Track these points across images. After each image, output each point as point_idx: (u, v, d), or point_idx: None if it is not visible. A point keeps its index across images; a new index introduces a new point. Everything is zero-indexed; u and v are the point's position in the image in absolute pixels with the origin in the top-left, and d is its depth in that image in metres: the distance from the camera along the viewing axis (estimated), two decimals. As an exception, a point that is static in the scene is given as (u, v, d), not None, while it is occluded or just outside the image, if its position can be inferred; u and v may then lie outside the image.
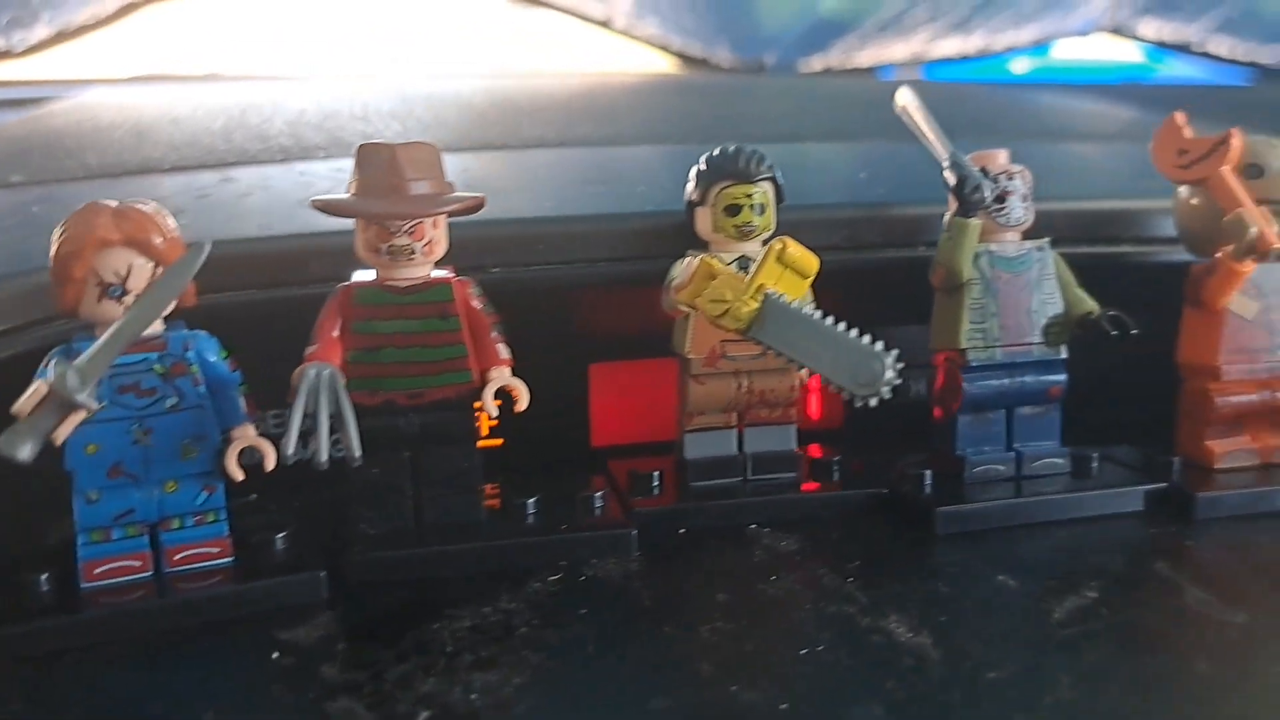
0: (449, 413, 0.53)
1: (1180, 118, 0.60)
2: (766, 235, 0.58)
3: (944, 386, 0.60)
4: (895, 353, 0.47)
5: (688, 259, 0.54)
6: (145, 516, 0.49)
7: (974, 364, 0.58)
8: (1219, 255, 0.58)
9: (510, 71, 1.34)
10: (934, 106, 0.62)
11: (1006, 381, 0.58)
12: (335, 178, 0.69)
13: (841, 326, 0.49)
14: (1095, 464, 0.59)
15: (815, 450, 0.63)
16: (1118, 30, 1.64)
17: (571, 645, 0.44)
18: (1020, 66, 1.70)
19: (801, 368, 0.50)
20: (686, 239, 0.59)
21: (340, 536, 0.53)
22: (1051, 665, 0.42)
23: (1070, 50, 1.70)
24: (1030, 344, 0.58)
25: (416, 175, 0.51)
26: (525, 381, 0.53)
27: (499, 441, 0.66)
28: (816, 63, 1.46)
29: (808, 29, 1.39)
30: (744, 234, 0.57)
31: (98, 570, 0.48)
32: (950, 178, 0.57)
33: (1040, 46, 1.62)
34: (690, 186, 0.58)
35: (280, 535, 0.52)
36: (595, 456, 0.65)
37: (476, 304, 0.53)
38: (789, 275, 0.51)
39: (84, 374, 0.44)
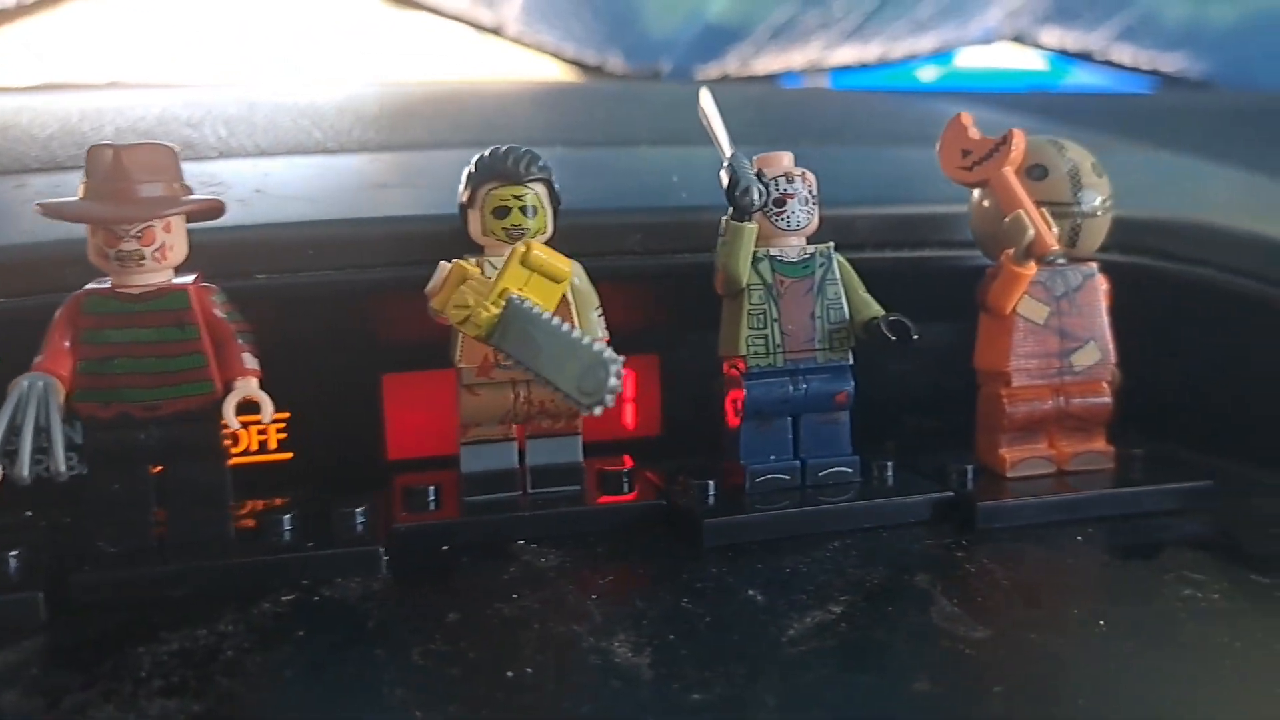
0: (191, 425, 0.51)
1: (966, 118, 0.58)
2: (544, 239, 0.56)
3: (731, 394, 0.58)
4: (620, 360, 0.45)
5: (440, 265, 0.52)
6: None
7: (755, 370, 0.56)
8: (1002, 258, 0.56)
9: (379, 78, 1.31)
10: (816, 113, 0.61)
11: (790, 389, 0.57)
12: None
13: (576, 333, 0.47)
14: (888, 473, 0.58)
15: (627, 461, 0.61)
16: (1019, 38, 1.63)
17: (270, 670, 0.42)
18: (927, 75, 1.69)
19: (536, 377, 0.48)
20: (461, 244, 0.57)
21: (77, 556, 0.50)
22: (763, 687, 0.40)
23: (975, 58, 1.69)
24: (814, 350, 0.56)
25: (145, 178, 0.49)
26: (314, 392, 0.51)
27: (288, 455, 0.64)
28: (713, 70, 1.44)
29: (697, 36, 1.37)
30: (514, 237, 0.55)
31: None
32: (723, 178, 0.55)
33: (943, 55, 1.62)
34: (461, 187, 0.56)
35: (13, 554, 0.49)
36: (391, 470, 0.63)
37: (219, 312, 0.51)
38: (538, 280, 0.49)
39: None
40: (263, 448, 0.63)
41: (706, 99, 0.61)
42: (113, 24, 1.33)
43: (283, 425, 0.63)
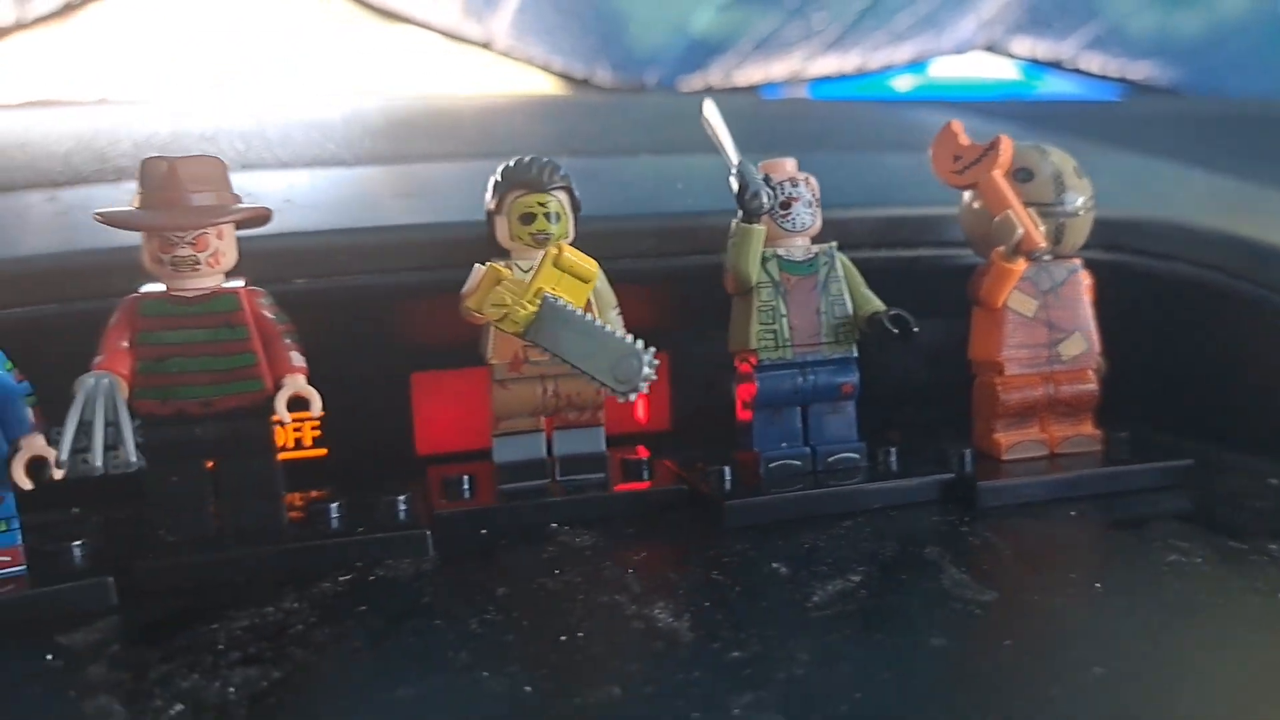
0: (243, 421, 0.54)
1: (957, 125, 0.62)
2: (567, 243, 0.59)
3: (742, 387, 0.62)
4: (652, 350, 0.49)
5: (475, 268, 0.56)
6: (-66, 527, 0.49)
7: (765, 363, 0.60)
8: (992, 256, 0.61)
9: (374, 91, 1.35)
10: (803, 122, 0.64)
11: (799, 380, 0.61)
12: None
13: (609, 328, 0.51)
14: (891, 458, 0.62)
15: (643, 452, 0.65)
16: (992, 48, 1.68)
17: (340, 640, 0.45)
18: (903, 84, 1.74)
19: (572, 368, 0.52)
20: (488, 249, 0.61)
21: (140, 545, 0.53)
22: (793, 645, 0.43)
23: (949, 68, 1.74)
24: (820, 343, 0.61)
25: (197, 188, 0.52)
26: (347, 391, 0.54)
27: (323, 452, 0.67)
28: (697, 81, 1.48)
29: (683, 49, 1.41)
30: (539, 241, 0.58)
31: (-119, 583, 0.49)
32: (733, 184, 0.59)
33: (918, 65, 1.66)
34: (488, 196, 0.60)
35: (76, 544, 0.52)
36: (421, 464, 0.67)
37: (267, 313, 0.54)
38: (568, 280, 0.53)
39: None
40: (299, 445, 0.66)
41: (711, 109, 0.65)
42: (105, 40, 1.35)
43: (317, 423, 0.66)
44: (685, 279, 0.67)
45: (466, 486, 0.60)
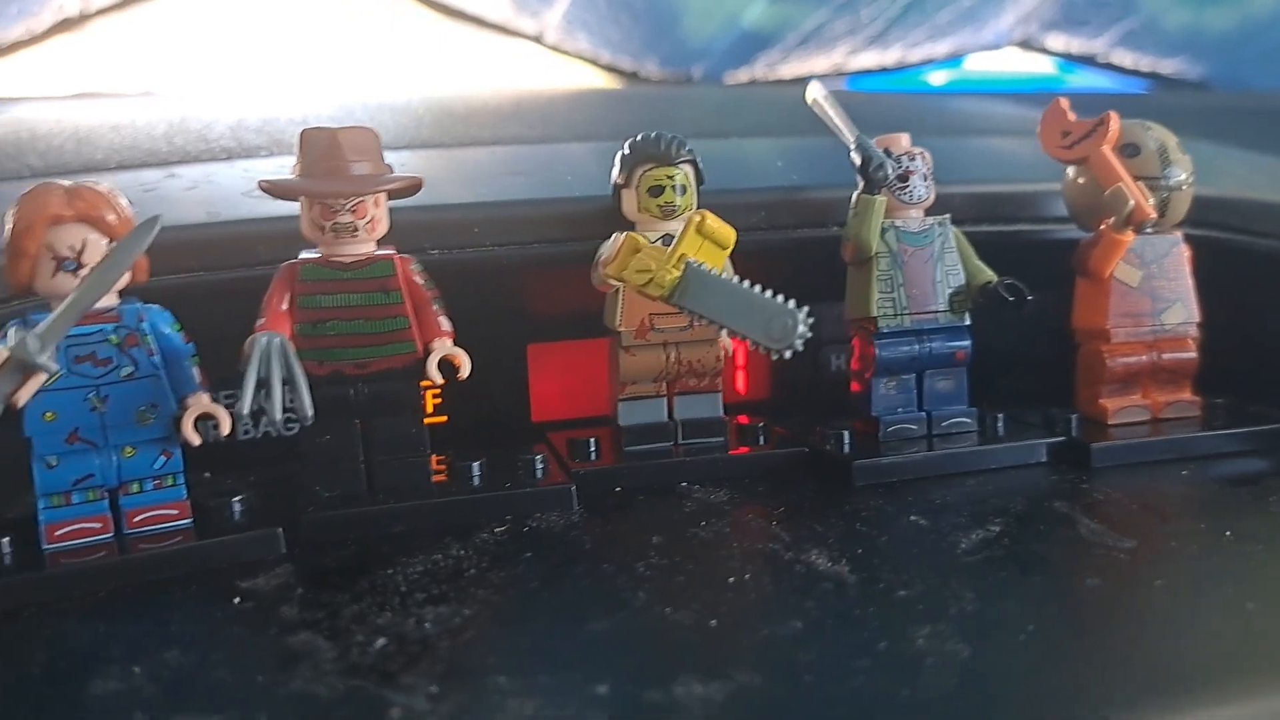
0: (395, 383, 0.56)
1: (1064, 102, 0.65)
2: (688, 214, 0.62)
3: (860, 355, 0.64)
4: (805, 309, 0.51)
5: (614, 237, 0.58)
6: (104, 481, 0.51)
7: (885, 330, 0.62)
8: (1102, 228, 0.63)
9: (446, 82, 1.37)
10: (856, 111, 0.67)
11: (916, 347, 0.63)
12: (281, 172, 0.72)
13: (757, 289, 0.53)
14: (1000, 423, 0.64)
15: (742, 419, 0.67)
16: (1027, 44, 1.71)
17: (516, 582, 0.48)
18: (937, 79, 1.76)
19: (721, 329, 0.54)
20: (612, 221, 0.63)
21: (295, 501, 0.55)
22: (957, 585, 0.46)
23: (982, 63, 1.76)
24: (936, 311, 0.63)
25: (356, 157, 0.54)
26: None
27: (443, 419, 0.70)
28: (742, 75, 1.51)
29: (733, 42, 1.43)
30: (667, 213, 0.61)
31: (58, 533, 0.50)
32: (856, 158, 0.61)
33: (954, 59, 1.69)
34: (615, 170, 0.62)
35: (236, 499, 0.54)
36: (535, 432, 0.69)
37: (418, 279, 0.56)
38: (708, 246, 0.55)
39: (43, 339, 0.46)
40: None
41: (819, 90, 0.68)
42: (167, 32, 1.37)
43: (438, 391, 0.68)
44: (790, 251, 0.69)
45: (593, 448, 0.62)
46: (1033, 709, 0.37)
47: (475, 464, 0.58)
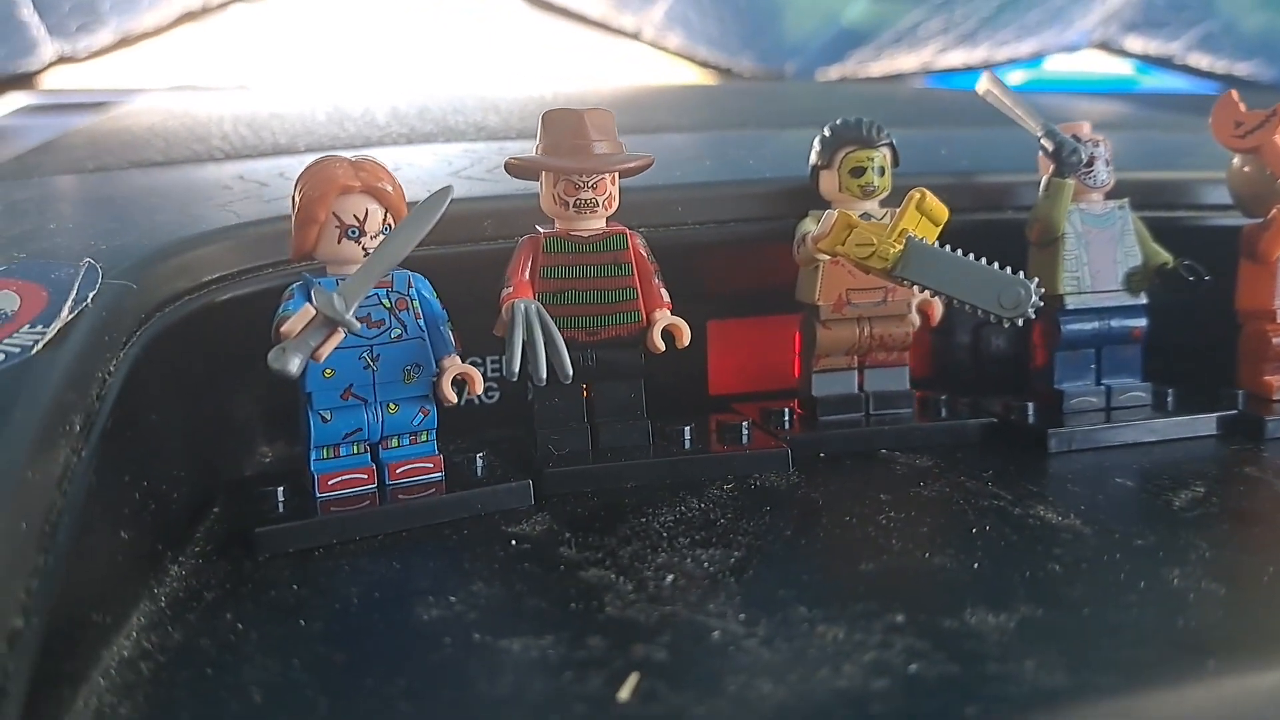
0: (621, 350, 0.60)
1: (1235, 94, 0.68)
2: (884, 195, 0.65)
3: (1043, 331, 0.68)
4: (1036, 280, 0.55)
5: (825, 214, 0.62)
6: (370, 435, 0.55)
7: (1070, 307, 0.66)
8: (1274, 213, 0.67)
9: (565, 77, 1.41)
10: (949, 105, 0.70)
11: (1097, 324, 0.67)
12: (470, 156, 0.76)
13: (983, 261, 0.56)
14: (1170, 397, 0.67)
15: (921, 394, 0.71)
16: (1105, 45, 1.74)
17: (771, 530, 0.51)
18: (1016, 78, 1.79)
19: (948, 299, 0.57)
20: (805, 200, 0.66)
21: (526, 459, 0.59)
22: (1187, 536, 0.49)
23: (1060, 64, 1.80)
24: (1116, 290, 0.66)
25: (599, 136, 0.58)
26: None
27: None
28: (834, 72, 1.54)
29: (829, 40, 1.47)
30: (866, 193, 0.64)
31: (331, 482, 0.54)
32: (1048, 144, 0.65)
33: (1036, 59, 1.72)
34: (815, 152, 0.66)
35: (480, 455, 0.58)
36: (713, 404, 0.73)
37: (644, 252, 0.60)
38: (924, 222, 0.59)
39: (346, 298, 0.50)
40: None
41: (994, 81, 0.71)
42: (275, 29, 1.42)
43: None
44: (963, 235, 0.72)
45: (787, 418, 0.66)
46: (1299, 638, 0.40)
47: (685, 429, 0.62)
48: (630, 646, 0.40)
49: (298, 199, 0.53)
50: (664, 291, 0.60)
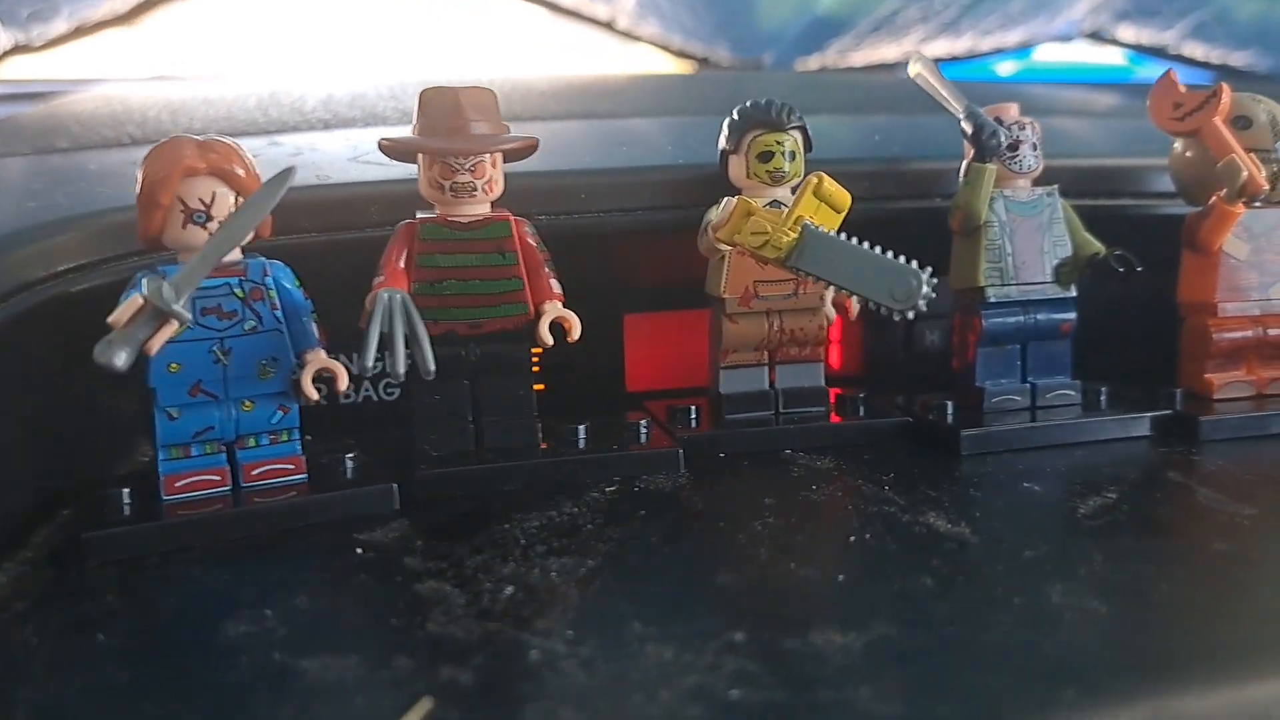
0: (506, 344, 0.57)
1: (1174, 74, 0.64)
2: (795, 181, 0.61)
3: (964, 325, 0.64)
4: (929, 269, 0.51)
5: (725, 201, 0.58)
6: (223, 434, 0.52)
7: (992, 300, 0.62)
8: (1213, 200, 0.62)
9: (520, 63, 1.38)
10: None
11: (1021, 318, 0.63)
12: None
13: (877, 250, 0.53)
14: (1104, 396, 0.63)
15: (838, 391, 0.67)
16: (1096, 34, 1.69)
17: (637, 537, 0.48)
18: (1005, 69, 1.75)
19: (841, 291, 0.54)
20: (718, 188, 0.63)
21: (405, 459, 0.56)
22: (1083, 546, 0.45)
23: (1051, 54, 1.75)
24: (1043, 282, 0.62)
25: (477, 116, 0.55)
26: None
27: (540, 386, 0.70)
28: (813, 62, 1.50)
29: (805, 28, 1.43)
30: (775, 179, 0.61)
31: (178, 484, 0.51)
32: (968, 127, 0.61)
33: (1024, 49, 1.67)
34: (724, 135, 0.62)
35: (348, 456, 0.55)
36: (629, 401, 0.69)
37: (531, 241, 0.57)
38: (824, 209, 0.55)
39: (178, 288, 0.47)
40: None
41: (924, 63, 0.67)
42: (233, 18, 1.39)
43: (537, 359, 0.69)
44: (888, 224, 0.68)
45: (693, 416, 0.62)
46: (1177, 664, 0.37)
47: (580, 427, 0.58)
48: (438, 668, 0.37)
49: (141, 182, 0.50)
50: (554, 282, 0.57)
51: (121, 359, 0.46)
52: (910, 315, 0.51)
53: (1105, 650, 0.37)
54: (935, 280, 0.51)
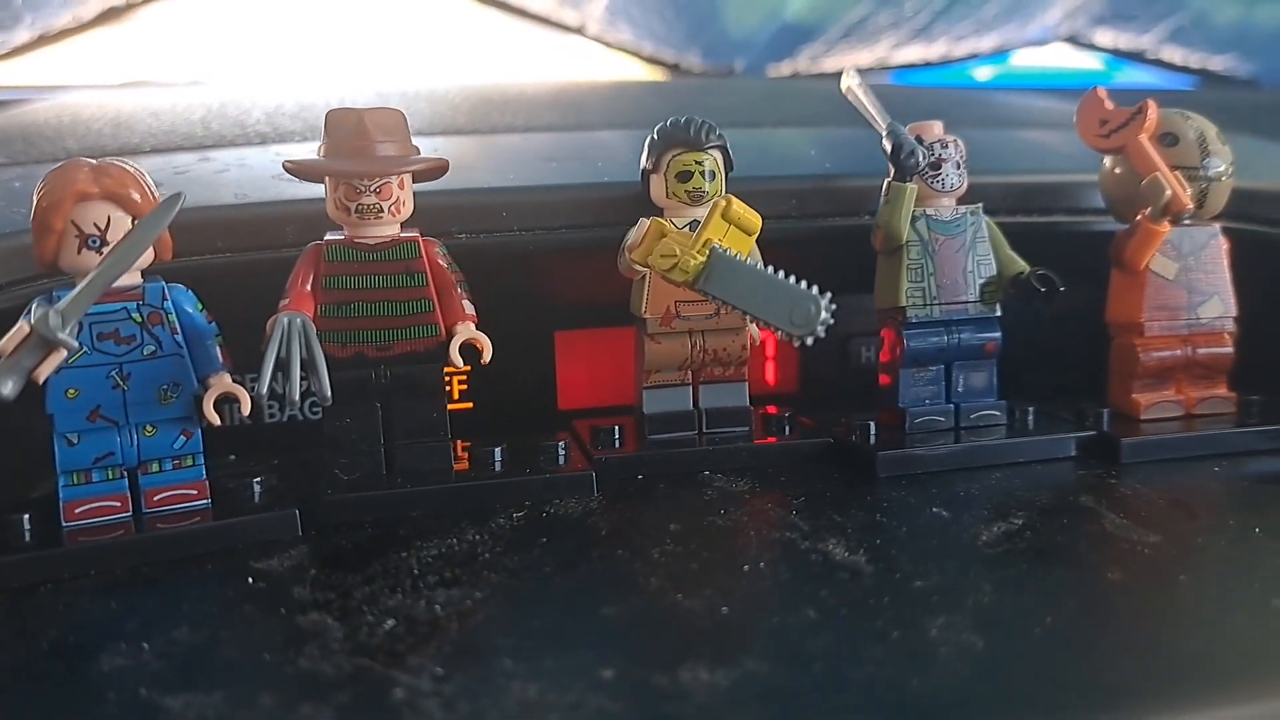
0: (417, 366, 0.56)
1: (1102, 91, 0.63)
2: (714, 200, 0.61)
3: (888, 346, 0.63)
4: (829, 295, 0.51)
5: (641, 222, 0.57)
6: (124, 460, 0.52)
7: (914, 320, 0.61)
8: (1138, 218, 0.62)
9: (484, 71, 1.37)
10: (895, 103, 0.66)
11: (945, 338, 0.62)
12: (312, 155, 0.72)
13: (780, 274, 0.52)
14: (1030, 416, 0.63)
15: (770, 409, 0.67)
16: (1074, 39, 1.68)
17: (531, 567, 0.47)
18: (982, 75, 1.74)
19: (745, 315, 0.53)
20: (642, 207, 0.62)
21: (314, 483, 0.56)
22: (975, 576, 0.45)
23: (1028, 59, 1.74)
24: (967, 302, 0.62)
25: (383, 138, 0.54)
26: (494, 347, 0.56)
27: (468, 405, 0.69)
28: (785, 68, 1.49)
29: (774, 34, 1.42)
30: (695, 199, 0.60)
31: (78, 510, 0.51)
32: (887, 145, 0.61)
33: (1000, 55, 1.67)
34: (644, 155, 0.62)
35: (256, 480, 0.54)
36: (561, 419, 0.68)
37: (442, 262, 0.56)
38: (734, 232, 0.55)
39: (65, 315, 0.47)
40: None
41: (854, 78, 0.67)
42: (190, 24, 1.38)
43: (464, 378, 0.68)
44: (817, 241, 0.68)
45: (617, 436, 0.62)
46: (1046, 702, 0.36)
47: (497, 449, 0.58)
48: (299, 706, 0.36)
49: (35, 206, 0.49)
50: (467, 303, 0.56)
51: (8, 388, 0.46)
52: (809, 341, 0.51)
53: (973, 687, 0.37)
54: (835, 306, 0.51)
